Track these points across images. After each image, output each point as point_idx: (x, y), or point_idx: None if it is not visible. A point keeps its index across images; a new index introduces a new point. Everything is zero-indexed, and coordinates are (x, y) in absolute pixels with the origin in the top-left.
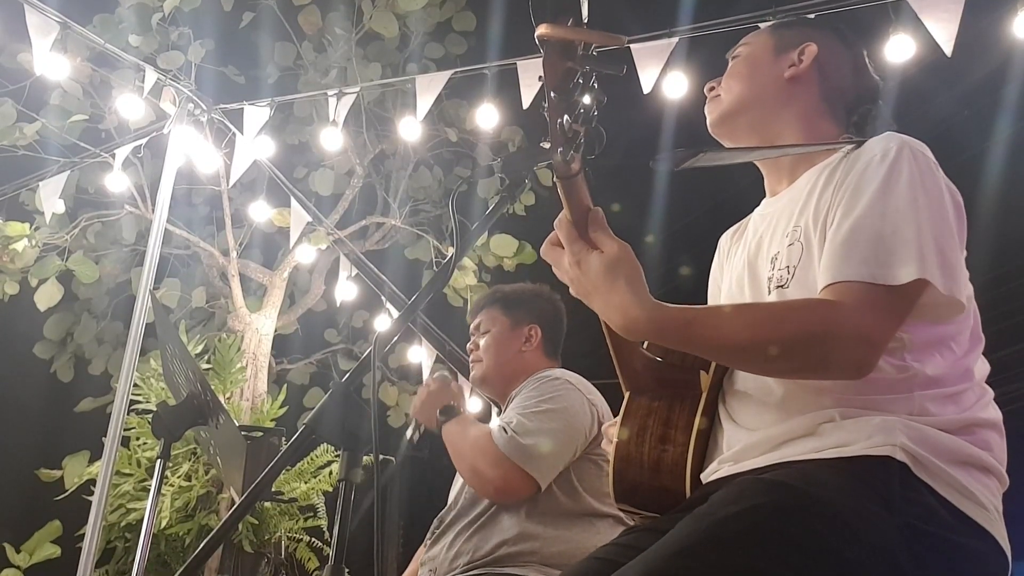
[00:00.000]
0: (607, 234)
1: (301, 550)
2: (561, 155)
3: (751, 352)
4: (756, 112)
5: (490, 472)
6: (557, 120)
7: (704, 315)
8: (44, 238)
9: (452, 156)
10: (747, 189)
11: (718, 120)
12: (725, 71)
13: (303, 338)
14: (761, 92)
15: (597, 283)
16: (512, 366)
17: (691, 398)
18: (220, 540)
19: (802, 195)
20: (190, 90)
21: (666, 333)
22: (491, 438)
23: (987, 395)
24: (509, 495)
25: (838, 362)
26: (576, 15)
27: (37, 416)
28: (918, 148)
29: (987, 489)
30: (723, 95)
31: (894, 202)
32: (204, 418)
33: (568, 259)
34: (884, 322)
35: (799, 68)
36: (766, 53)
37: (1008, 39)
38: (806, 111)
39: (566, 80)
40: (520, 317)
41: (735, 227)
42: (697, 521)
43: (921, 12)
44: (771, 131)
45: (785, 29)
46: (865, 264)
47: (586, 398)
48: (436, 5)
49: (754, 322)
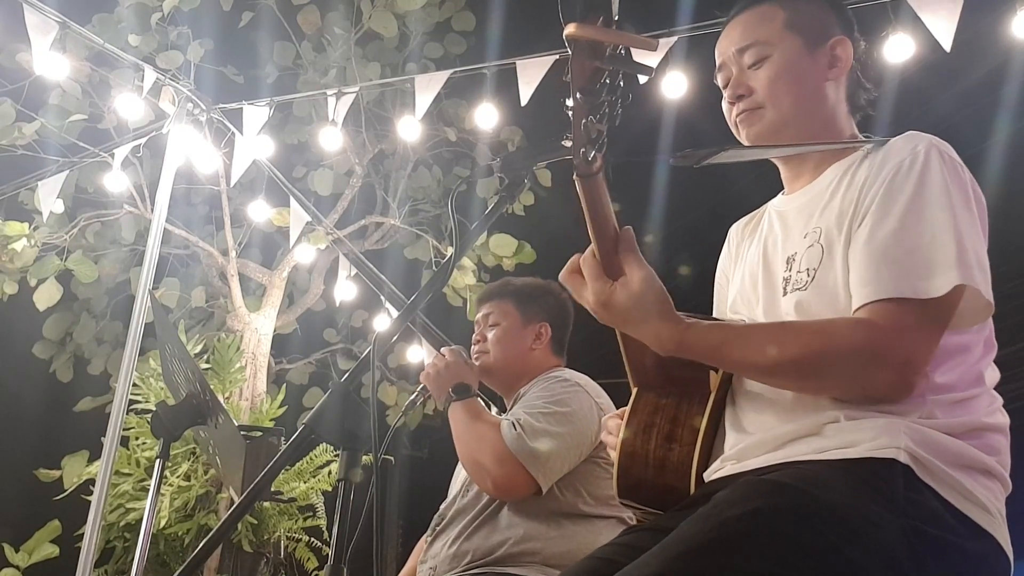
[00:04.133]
0: (636, 257)
1: (300, 550)
2: (584, 155)
3: (783, 372)
4: (806, 122)
5: (494, 468)
6: (582, 120)
7: (735, 335)
8: (43, 238)
9: (451, 156)
10: (747, 188)
11: (769, 134)
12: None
13: (302, 338)
14: (812, 102)
15: (627, 318)
16: (520, 363)
17: (699, 396)
18: (219, 540)
19: (823, 194)
20: (189, 90)
21: (698, 353)
22: (500, 433)
23: (996, 401)
24: (508, 493)
25: (876, 384)
26: (607, 14)
27: (36, 416)
28: (945, 149)
29: (990, 493)
30: (769, 109)
31: (929, 210)
32: (203, 418)
33: (592, 299)
34: (926, 341)
35: (840, 69)
36: (801, 56)
37: (1007, 39)
38: (835, 110)
39: (593, 80)
40: (532, 314)
41: (747, 218)
42: (700, 522)
43: (920, 10)
44: (809, 135)
45: (798, 16)
46: (903, 278)
47: (595, 401)
48: (435, 5)
49: (786, 342)
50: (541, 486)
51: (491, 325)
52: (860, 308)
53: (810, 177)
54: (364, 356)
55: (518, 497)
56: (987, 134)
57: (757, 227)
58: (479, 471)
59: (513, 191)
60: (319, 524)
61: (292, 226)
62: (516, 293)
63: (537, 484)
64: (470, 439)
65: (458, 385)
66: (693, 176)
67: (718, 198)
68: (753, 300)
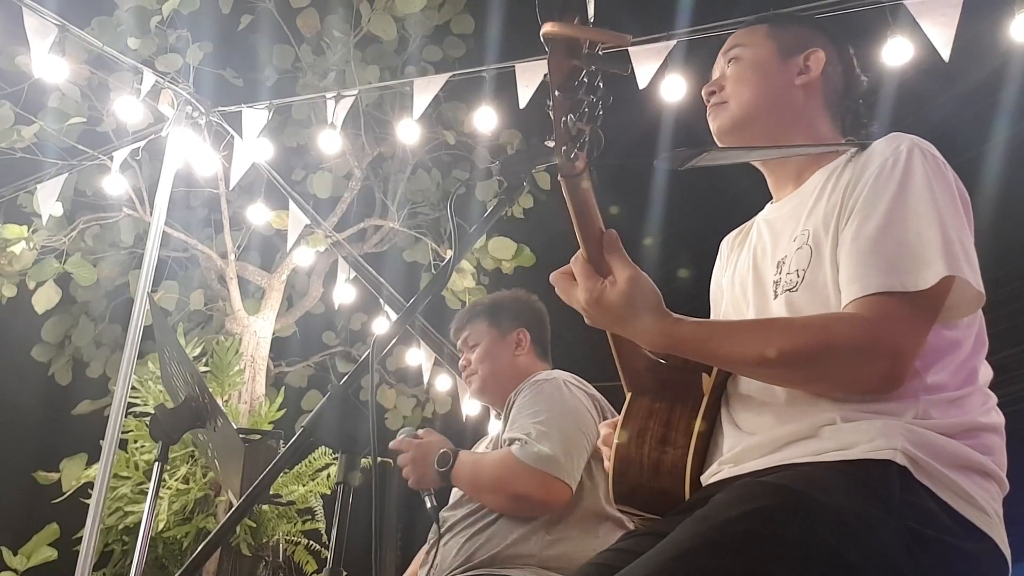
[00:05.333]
0: (621, 257)
1: (299, 553)
2: (565, 154)
3: (772, 366)
4: (768, 120)
5: (532, 490)
6: (561, 119)
7: (723, 330)
8: (42, 240)
9: (450, 159)
10: (746, 192)
11: (729, 127)
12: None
13: (301, 340)
14: (773, 100)
15: (615, 317)
16: (508, 373)
17: (693, 400)
18: (218, 543)
19: (809, 199)
20: (188, 93)
21: (687, 349)
22: (511, 458)
23: (990, 400)
24: (551, 506)
25: (865, 378)
26: (582, 13)
27: (35, 418)
28: (927, 147)
29: (987, 493)
30: (732, 101)
31: (913, 205)
32: (202, 421)
33: (583, 296)
34: (915, 333)
35: (810, 76)
36: (772, 57)
37: (1005, 42)
38: (813, 117)
39: (571, 79)
40: (506, 325)
41: (737, 231)
42: (697, 524)
43: (919, 15)
44: (781, 138)
45: (782, 31)
46: (891, 272)
47: (585, 393)
48: (434, 8)
49: (775, 336)
50: (570, 485)
51: (471, 347)
52: (849, 303)
53: (796, 184)
54: (363, 359)
55: (561, 503)
56: (986, 137)
57: (747, 238)
58: (520, 501)
59: (512, 194)
60: (318, 527)
61: (291, 229)
62: (485, 311)
63: (568, 485)
64: (490, 481)
65: (438, 458)
66: (691, 180)
67: (717, 201)
68: (743, 306)
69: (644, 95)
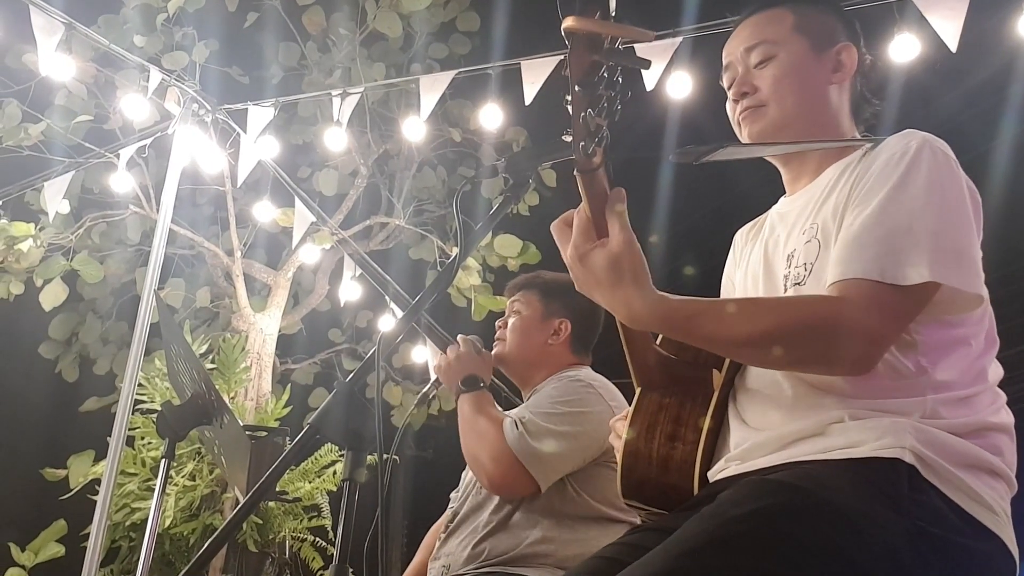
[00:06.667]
0: (621, 221)
1: (305, 550)
2: (583, 149)
3: (753, 344)
4: (806, 121)
5: (490, 465)
6: (580, 114)
7: (707, 308)
8: (49, 238)
9: (456, 156)
10: (752, 189)
11: (771, 132)
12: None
13: (307, 338)
14: (811, 102)
15: (600, 279)
16: (535, 355)
17: (702, 396)
18: (224, 540)
19: (821, 193)
20: (194, 90)
21: (670, 326)
22: (501, 430)
23: (1000, 399)
24: (506, 490)
25: (839, 356)
26: (604, 8)
27: (42, 416)
28: (938, 145)
29: (996, 492)
30: (772, 106)
31: (910, 200)
32: (208, 418)
33: (569, 252)
34: (889, 321)
35: (844, 74)
36: (807, 56)
37: (1013, 39)
38: (838, 114)
39: (591, 74)
40: (554, 309)
41: (751, 224)
42: (704, 522)
43: (926, 9)
44: (809, 136)
45: (809, 21)
46: (875, 261)
47: (608, 405)
48: (440, 5)
49: (756, 315)
50: (540, 485)
51: (514, 313)
52: (831, 285)
53: (810, 178)
54: (369, 356)
55: (515, 495)
56: (993, 134)
57: (760, 231)
58: (477, 466)
59: (518, 191)
60: (324, 524)
61: (297, 226)
62: (543, 286)
63: (536, 483)
64: (472, 434)
65: (468, 377)
66: (698, 177)
67: (723, 198)
68: None
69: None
